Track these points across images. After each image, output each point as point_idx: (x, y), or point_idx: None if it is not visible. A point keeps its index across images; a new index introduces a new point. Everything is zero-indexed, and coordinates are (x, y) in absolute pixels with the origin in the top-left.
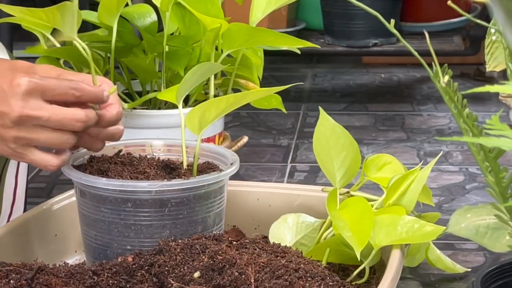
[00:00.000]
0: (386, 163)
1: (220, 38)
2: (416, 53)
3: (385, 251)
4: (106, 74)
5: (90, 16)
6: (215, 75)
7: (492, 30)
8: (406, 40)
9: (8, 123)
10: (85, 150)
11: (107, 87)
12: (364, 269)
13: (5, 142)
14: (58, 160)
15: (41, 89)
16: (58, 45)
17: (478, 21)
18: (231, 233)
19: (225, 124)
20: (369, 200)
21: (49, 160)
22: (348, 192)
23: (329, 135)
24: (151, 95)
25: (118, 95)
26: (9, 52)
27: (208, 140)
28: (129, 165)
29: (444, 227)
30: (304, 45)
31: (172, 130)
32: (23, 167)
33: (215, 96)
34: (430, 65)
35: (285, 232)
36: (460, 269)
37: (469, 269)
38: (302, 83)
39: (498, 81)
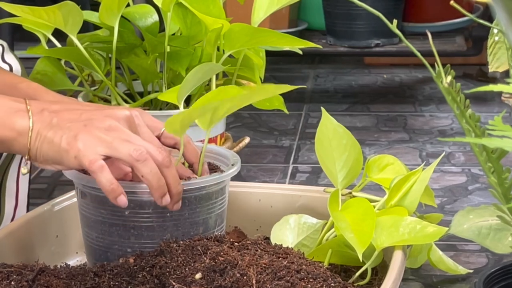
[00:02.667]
0: (388, 164)
1: (221, 38)
2: (418, 54)
3: (387, 252)
4: (107, 74)
5: (91, 16)
6: (217, 76)
7: (495, 31)
8: (408, 41)
9: (97, 125)
10: None
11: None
12: (366, 270)
13: (78, 134)
14: (103, 162)
15: (138, 122)
16: (59, 45)
17: (481, 21)
18: (232, 234)
19: (226, 125)
20: (371, 201)
21: (97, 157)
22: (350, 193)
23: (331, 136)
24: (152, 96)
25: (119, 95)
26: (13, 52)
27: (210, 140)
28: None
29: (447, 228)
30: (306, 45)
31: None
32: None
33: None
34: (432, 66)
35: (286, 233)
36: (462, 270)
37: (472, 271)
38: (306, 86)
39: (500, 81)
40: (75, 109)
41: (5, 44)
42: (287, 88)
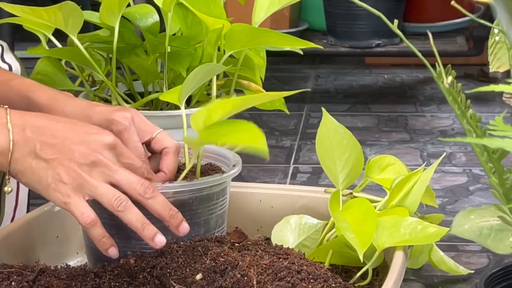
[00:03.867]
0: (389, 164)
1: (222, 38)
2: (419, 54)
3: (388, 253)
4: (107, 74)
5: (91, 16)
6: (217, 76)
7: (496, 31)
8: (409, 41)
9: (79, 159)
10: None
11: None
12: (367, 270)
13: (62, 173)
14: (94, 216)
15: (120, 151)
16: (60, 46)
17: (482, 21)
18: (233, 234)
19: None
20: (372, 201)
21: (88, 212)
22: (351, 193)
23: (332, 136)
24: (153, 96)
25: (120, 95)
26: (12, 52)
27: None
28: None
29: (447, 229)
30: (307, 45)
31: (174, 131)
32: None
33: (217, 97)
34: (433, 66)
35: (287, 234)
36: (463, 271)
37: (473, 271)
38: (310, 89)
39: (501, 81)
40: (58, 130)
41: (5, 44)
42: (289, 93)
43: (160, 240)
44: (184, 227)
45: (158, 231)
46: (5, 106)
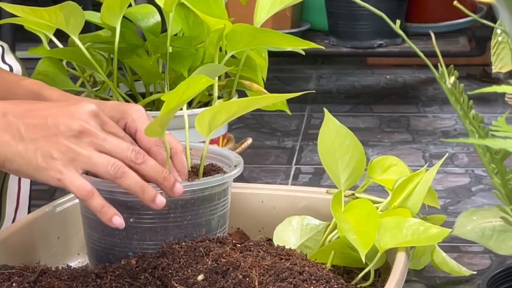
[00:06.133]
0: (391, 165)
1: (224, 39)
2: (421, 54)
3: (390, 254)
4: (109, 75)
5: (93, 16)
6: (219, 77)
7: (498, 31)
8: (411, 41)
9: (65, 132)
10: None
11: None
12: (369, 271)
13: (52, 150)
14: (91, 187)
15: (102, 118)
16: (61, 46)
17: (484, 21)
18: (235, 235)
19: (229, 125)
20: (374, 202)
21: (84, 184)
22: (353, 194)
23: (334, 136)
24: (154, 97)
25: (121, 96)
26: (13, 53)
27: (212, 142)
28: None
29: (450, 230)
30: (309, 46)
31: (176, 132)
32: None
33: (219, 97)
34: (435, 66)
35: (289, 235)
36: (465, 271)
37: (475, 272)
38: (314, 91)
39: (504, 82)
40: (40, 110)
41: (5, 45)
42: (293, 95)
43: (160, 200)
44: (178, 188)
45: (157, 192)
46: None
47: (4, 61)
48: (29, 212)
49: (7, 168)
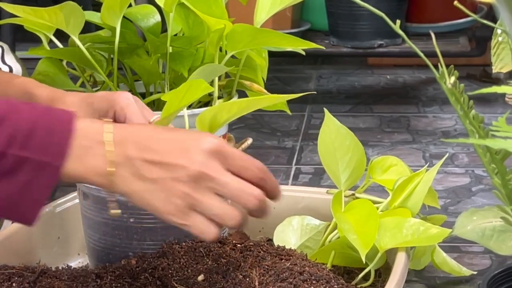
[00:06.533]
0: (392, 165)
1: (224, 39)
2: (421, 54)
3: (391, 254)
4: (109, 75)
5: (93, 17)
6: (219, 77)
7: (499, 31)
8: (412, 41)
9: (183, 177)
10: None
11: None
12: (369, 272)
13: (171, 196)
14: (217, 230)
15: (225, 154)
16: (61, 46)
17: (485, 21)
18: (235, 235)
19: (229, 125)
20: (375, 202)
21: (209, 229)
22: (353, 194)
23: (334, 137)
24: (154, 97)
25: None
26: (13, 53)
27: None
28: None
29: (450, 230)
30: (309, 46)
31: None
32: None
33: (219, 97)
34: (435, 67)
35: (289, 235)
36: (466, 271)
37: (475, 272)
38: (315, 92)
39: (504, 82)
40: (159, 141)
41: (5, 46)
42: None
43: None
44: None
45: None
46: (106, 119)
47: (4, 62)
48: None
49: (128, 199)
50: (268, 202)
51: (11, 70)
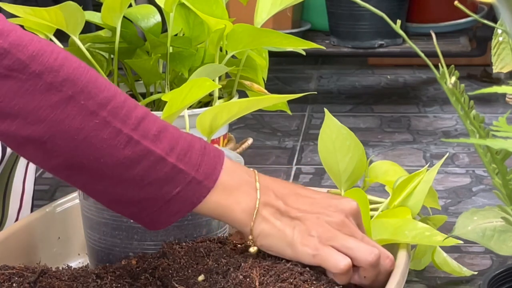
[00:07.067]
0: (388, 168)
1: (224, 39)
2: (422, 54)
3: (391, 253)
4: (109, 75)
5: (93, 17)
6: (220, 77)
7: (499, 31)
8: (412, 41)
9: (326, 218)
10: None
11: None
12: None
13: (311, 229)
14: (349, 261)
15: (359, 220)
16: (61, 46)
17: (485, 21)
18: (235, 236)
19: (229, 126)
20: (375, 202)
21: (343, 258)
22: None
23: (335, 137)
24: (155, 97)
25: None
26: None
27: (212, 142)
28: None
29: (457, 240)
30: (309, 46)
31: None
32: (31, 173)
33: (219, 97)
34: (436, 67)
35: None
36: (466, 272)
37: (476, 272)
38: (316, 92)
39: (505, 82)
40: (303, 196)
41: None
42: (295, 96)
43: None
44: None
45: None
46: (252, 169)
47: None
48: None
49: (260, 241)
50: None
51: None
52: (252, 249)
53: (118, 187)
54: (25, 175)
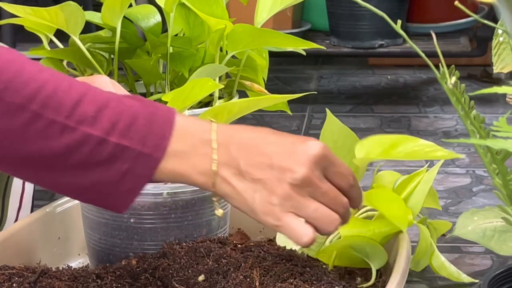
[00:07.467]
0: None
1: (224, 39)
2: (422, 54)
3: (392, 254)
4: (109, 75)
5: (93, 17)
6: (220, 77)
7: (500, 31)
8: (413, 41)
9: (288, 180)
10: None
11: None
12: (370, 272)
13: (272, 196)
14: (313, 235)
15: (329, 161)
16: (61, 46)
17: (485, 22)
18: (235, 236)
19: None
20: None
21: (306, 231)
22: None
23: (336, 137)
24: (155, 97)
25: None
26: None
27: None
28: None
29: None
30: (310, 46)
31: None
32: None
33: (219, 98)
34: (436, 67)
35: None
36: (465, 279)
37: (477, 281)
38: (316, 92)
39: (505, 82)
40: (264, 144)
41: (4, 46)
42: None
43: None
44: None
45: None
46: (211, 119)
47: None
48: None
49: (226, 200)
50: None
51: None
52: (217, 212)
53: (66, 176)
54: None
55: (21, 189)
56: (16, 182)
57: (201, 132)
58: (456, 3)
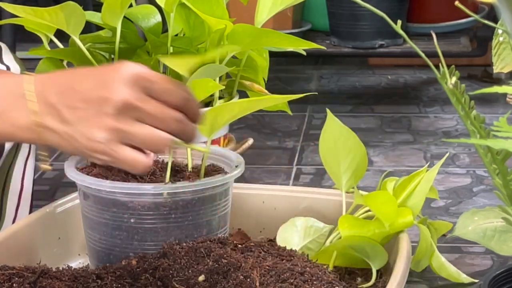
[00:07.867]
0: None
1: (225, 39)
2: (423, 54)
3: (392, 254)
4: None
5: (93, 17)
6: (220, 77)
7: (500, 31)
8: (413, 41)
9: (107, 110)
10: None
11: None
12: (370, 272)
13: (95, 132)
14: (149, 160)
15: (147, 79)
16: (61, 46)
17: (486, 22)
18: (236, 236)
19: (230, 126)
20: None
21: (141, 159)
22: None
23: (337, 137)
24: None
25: None
26: (13, 54)
27: (213, 142)
28: None
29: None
30: (310, 46)
31: None
32: (30, 170)
33: (219, 98)
34: (437, 67)
35: (293, 235)
36: (465, 279)
37: (477, 281)
38: (316, 93)
39: (505, 82)
40: (77, 82)
41: (4, 46)
42: (295, 96)
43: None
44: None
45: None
46: (26, 73)
47: (1, 62)
48: (31, 211)
49: (60, 150)
50: (192, 125)
51: (8, 69)
52: (44, 166)
53: None
54: (23, 172)
55: (20, 187)
56: (15, 180)
57: (16, 87)
58: (456, 3)
